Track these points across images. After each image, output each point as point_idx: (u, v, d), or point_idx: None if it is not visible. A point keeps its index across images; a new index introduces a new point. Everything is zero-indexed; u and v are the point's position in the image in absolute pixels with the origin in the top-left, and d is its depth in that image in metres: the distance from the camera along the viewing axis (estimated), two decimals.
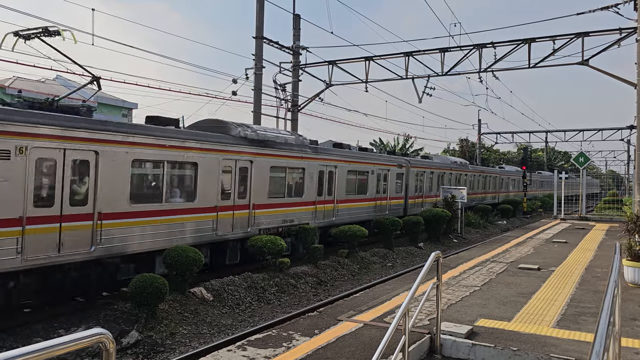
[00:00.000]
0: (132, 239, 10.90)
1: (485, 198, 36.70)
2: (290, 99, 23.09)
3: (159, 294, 9.57)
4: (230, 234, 13.64)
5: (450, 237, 24.32)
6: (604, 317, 2.81)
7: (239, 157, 13.94)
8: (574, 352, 5.80)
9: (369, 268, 16.83)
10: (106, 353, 2.24)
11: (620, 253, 6.44)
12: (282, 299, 12.65)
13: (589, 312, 7.69)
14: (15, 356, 1.83)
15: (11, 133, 8.76)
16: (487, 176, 37.64)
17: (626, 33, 18.30)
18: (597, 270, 11.29)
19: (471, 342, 6.15)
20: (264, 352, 5.75)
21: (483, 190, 36.51)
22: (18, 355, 1.85)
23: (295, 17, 22.45)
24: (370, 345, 5.96)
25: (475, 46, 20.99)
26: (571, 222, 24.40)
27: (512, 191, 43.68)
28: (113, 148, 10.48)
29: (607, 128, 47.50)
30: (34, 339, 8.69)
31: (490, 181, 38.23)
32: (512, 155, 70.04)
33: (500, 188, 40.92)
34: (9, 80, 29.47)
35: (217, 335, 9.87)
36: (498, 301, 8.30)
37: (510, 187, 43.59)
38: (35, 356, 1.90)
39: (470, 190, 31.99)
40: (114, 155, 10.50)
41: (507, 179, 42.94)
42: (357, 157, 20.46)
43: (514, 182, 44.29)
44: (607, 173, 77.39)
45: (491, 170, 40.67)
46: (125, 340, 8.94)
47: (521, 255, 13.43)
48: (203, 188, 12.70)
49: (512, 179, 43.88)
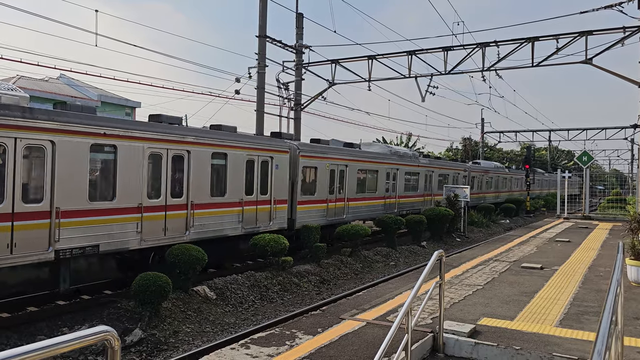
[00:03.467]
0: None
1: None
2: (293, 97, 23.10)
3: (163, 292, 9.60)
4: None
5: (453, 236, 24.30)
6: (607, 316, 2.81)
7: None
8: (577, 351, 5.79)
9: (372, 267, 16.84)
10: (111, 351, 2.24)
11: (623, 252, 6.43)
12: (285, 297, 12.67)
13: (591, 311, 7.68)
14: (19, 354, 1.84)
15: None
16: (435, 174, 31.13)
17: (630, 32, 18.25)
18: (600, 270, 11.27)
19: (474, 341, 6.15)
20: (267, 351, 5.76)
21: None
22: (23, 353, 1.85)
23: (298, 16, 22.44)
24: (373, 343, 5.97)
25: (479, 45, 20.96)
26: (574, 221, 24.34)
27: (491, 192, 37.60)
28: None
29: (610, 127, 47.38)
30: (37, 336, 8.73)
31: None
32: (515, 154, 69.85)
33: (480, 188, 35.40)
34: (13, 79, 29.56)
35: (220, 333, 9.90)
36: (501, 300, 8.30)
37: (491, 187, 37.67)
38: (40, 354, 1.90)
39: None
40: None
41: (484, 176, 36.23)
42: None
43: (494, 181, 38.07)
44: (611, 172, 77.11)
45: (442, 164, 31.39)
46: (129, 338, 8.97)
47: (524, 254, 13.42)
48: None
49: (489, 177, 37.34)
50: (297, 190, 16.27)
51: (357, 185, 19.98)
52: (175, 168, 12.09)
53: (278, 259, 13.73)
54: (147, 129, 11.45)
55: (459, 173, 30.83)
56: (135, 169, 11.04)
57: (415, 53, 22.11)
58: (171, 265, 11.10)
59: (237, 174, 13.93)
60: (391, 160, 22.74)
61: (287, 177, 15.89)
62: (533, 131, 50.82)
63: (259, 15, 19.93)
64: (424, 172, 26.25)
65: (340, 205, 18.82)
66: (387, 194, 22.41)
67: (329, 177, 17.95)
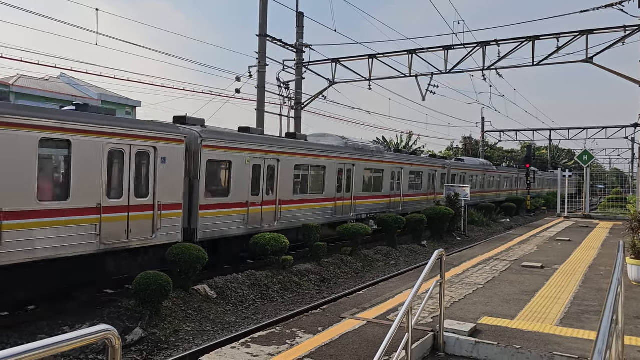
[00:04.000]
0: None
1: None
2: (294, 96, 23.10)
3: (163, 291, 9.60)
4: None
5: (453, 235, 24.30)
6: (607, 315, 2.81)
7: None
8: (577, 350, 5.79)
9: (372, 266, 16.84)
10: (112, 349, 2.24)
11: (623, 251, 6.44)
12: (286, 296, 12.67)
13: (592, 310, 7.68)
14: (20, 353, 1.83)
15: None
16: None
17: (631, 30, 18.24)
18: (600, 269, 11.26)
19: (474, 340, 6.15)
20: (268, 350, 5.76)
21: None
22: (23, 352, 1.85)
23: (299, 15, 22.45)
24: (373, 342, 5.97)
25: (479, 44, 20.95)
26: (575, 220, 24.34)
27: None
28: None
29: (611, 126, 47.37)
30: (38, 335, 8.73)
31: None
32: (516, 153, 69.79)
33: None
34: (13, 78, 29.54)
35: (220, 332, 9.90)
36: (501, 299, 8.30)
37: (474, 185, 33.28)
38: (41, 353, 1.90)
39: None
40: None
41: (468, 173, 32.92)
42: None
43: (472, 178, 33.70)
44: (611, 171, 77.08)
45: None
46: (129, 337, 8.98)
47: (525, 254, 13.41)
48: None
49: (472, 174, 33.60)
50: (199, 191, 12.80)
51: (296, 185, 16.53)
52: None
53: (278, 258, 13.74)
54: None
55: (436, 170, 27.55)
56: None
57: (415, 52, 22.10)
58: (172, 264, 11.11)
59: (89, 170, 10.17)
60: (345, 154, 19.07)
61: (182, 173, 12.36)
62: (533, 130, 50.86)
63: (259, 14, 19.94)
64: (390, 168, 22.60)
65: (270, 210, 15.44)
66: (339, 194, 18.91)
67: (251, 174, 14.58)
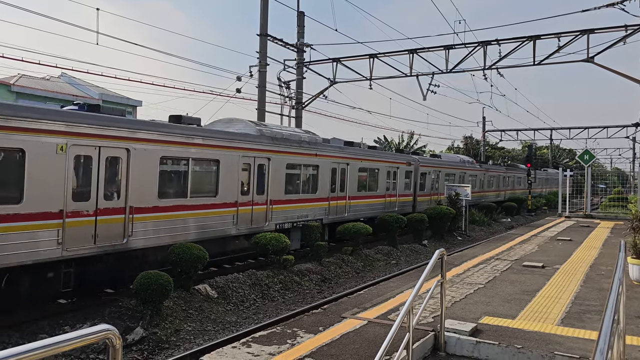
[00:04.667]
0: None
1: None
2: (295, 96, 23.10)
3: (164, 291, 9.61)
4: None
5: (454, 235, 24.29)
6: (609, 315, 2.80)
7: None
8: (578, 350, 5.79)
9: (373, 265, 16.84)
10: (113, 349, 2.24)
11: (625, 251, 6.43)
12: (287, 296, 12.67)
13: (593, 309, 7.67)
14: (21, 352, 1.84)
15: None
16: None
17: (632, 30, 18.21)
18: (601, 268, 11.25)
19: (475, 340, 6.15)
20: (269, 349, 5.76)
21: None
22: (24, 352, 1.85)
23: (300, 15, 22.44)
24: (374, 342, 5.97)
25: (480, 43, 20.93)
26: (576, 220, 24.32)
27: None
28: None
29: (612, 125, 47.30)
30: (39, 335, 8.73)
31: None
32: (517, 152, 69.75)
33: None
34: (14, 77, 29.55)
35: (221, 332, 9.91)
36: (502, 299, 8.29)
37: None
38: (42, 352, 1.90)
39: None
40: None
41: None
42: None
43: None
44: (612, 171, 77.02)
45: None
46: (130, 337, 8.98)
47: (525, 253, 13.40)
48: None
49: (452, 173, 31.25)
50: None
51: (156, 185, 11.55)
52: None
53: (279, 258, 13.74)
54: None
55: (398, 167, 23.15)
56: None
57: (416, 51, 22.09)
58: (172, 263, 11.12)
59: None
60: (260, 146, 14.72)
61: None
62: (534, 130, 50.81)
63: (260, 14, 19.94)
64: (328, 164, 17.94)
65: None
66: (246, 198, 14.19)
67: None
